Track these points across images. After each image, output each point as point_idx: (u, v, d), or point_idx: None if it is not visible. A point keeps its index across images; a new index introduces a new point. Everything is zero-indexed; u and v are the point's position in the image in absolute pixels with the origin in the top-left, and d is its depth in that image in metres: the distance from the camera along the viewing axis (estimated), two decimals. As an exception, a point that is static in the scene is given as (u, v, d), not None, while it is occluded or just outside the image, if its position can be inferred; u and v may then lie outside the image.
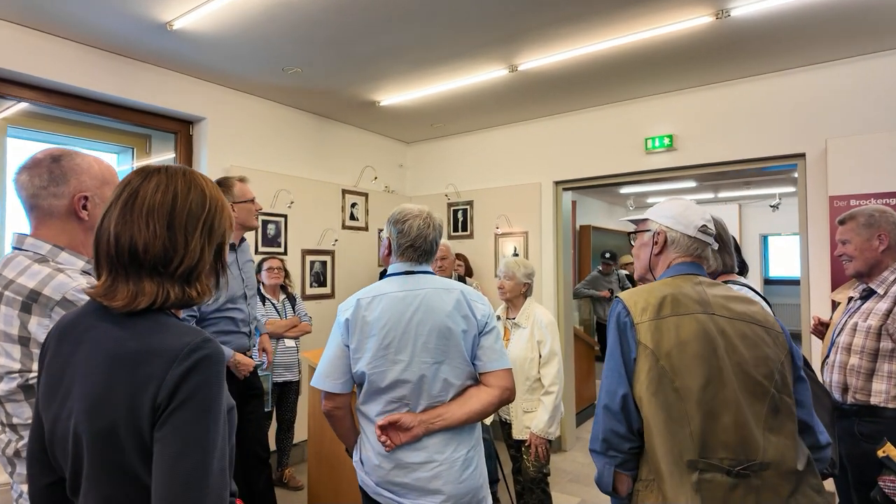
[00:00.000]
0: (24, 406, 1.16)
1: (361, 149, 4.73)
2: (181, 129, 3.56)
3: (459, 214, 4.86)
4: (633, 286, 1.42)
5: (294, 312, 3.62)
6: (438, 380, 1.53)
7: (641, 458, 1.26)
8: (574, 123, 4.24)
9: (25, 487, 1.10)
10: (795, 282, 3.69)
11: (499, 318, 2.74)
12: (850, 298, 2.11)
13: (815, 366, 2.44)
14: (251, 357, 2.43)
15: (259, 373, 2.55)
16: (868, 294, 2.01)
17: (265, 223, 3.80)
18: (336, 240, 4.37)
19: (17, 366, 1.15)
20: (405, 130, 4.83)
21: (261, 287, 3.48)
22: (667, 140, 3.75)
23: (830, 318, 2.25)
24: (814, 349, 3.06)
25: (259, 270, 3.50)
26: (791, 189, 7.63)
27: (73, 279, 1.17)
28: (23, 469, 1.13)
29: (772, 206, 8.68)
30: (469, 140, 4.85)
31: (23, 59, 2.71)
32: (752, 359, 1.23)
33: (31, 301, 1.14)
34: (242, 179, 2.41)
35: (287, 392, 3.60)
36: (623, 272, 7.16)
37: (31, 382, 1.15)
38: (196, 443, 0.75)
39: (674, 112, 3.78)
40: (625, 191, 7.75)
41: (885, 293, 1.93)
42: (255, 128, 3.84)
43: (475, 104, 4.04)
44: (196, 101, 3.47)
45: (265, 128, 3.91)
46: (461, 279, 4.21)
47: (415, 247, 1.62)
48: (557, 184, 4.36)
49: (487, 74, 3.42)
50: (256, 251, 3.70)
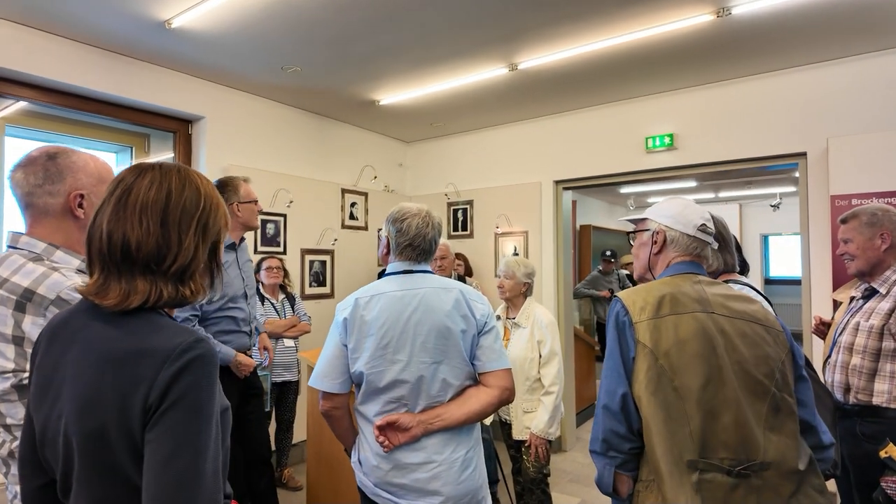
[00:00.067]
0: (19, 406, 1.15)
1: (361, 148, 4.72)
2: (180, 128, 3.55)
3: (459, 214, 4.85)
4: (634, 286, 1.41)
5: (293, 312, 3.62)
6: (437, 380, 1.52)
7: (641, 459, 1.25)
8: (574, 122, 4.22)
9: (20, 488, 1.09)
10: (796, 282, 3.68)
11: (499, 318, 2.73)
12: (852, 298, 2.10)
13: (817, 366, 2.42)
14: (251, 356, 2.43)
15: (258, 372, 2.55)
16: (870, 293, 2.00)
17: (264, 222, 3.79)
18: (335, 239, 4.36)
19: (11, 365, 1.14)
20: (405, 130, 4.82)
21: (260, 287, 3.48)
22: (667, 139, 3.74)
23: (832, 318, 2.23)
24: (815, 349, 3.05)
25: (258, 270, 3.50)
26: (792, 188, 7.62)
27: (68, 278, 1.16)
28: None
29: (772, 206, 8.66)
30: (469, 139, 4.84)
31: (21, 58, 2.70)
32: (753, 357, 1.22)
33: (26, 300, 1.13)
34: (247, 180, 2.44)
35: (286, 392, 3.60)
36: (623, 272, 7.15)
37: (26, 382, 1.14)
38: (188, 443, 0.74)
39: (674, 111, 3.76)
40: (625, 190, 7.74)
41: (888, 292, 1.92)
42: (255, 127, 3.83)
43: (475, 103, 4.02)
44: (195, 100, 3.46)
45: (264, 127, 3.90)
46: (461, 279, 4.20)
47: (413, 246, 1.61)
48: (557, 183, 4.35)
49: (487, 73, 3.40)
50: (255, 251, 3.70)
